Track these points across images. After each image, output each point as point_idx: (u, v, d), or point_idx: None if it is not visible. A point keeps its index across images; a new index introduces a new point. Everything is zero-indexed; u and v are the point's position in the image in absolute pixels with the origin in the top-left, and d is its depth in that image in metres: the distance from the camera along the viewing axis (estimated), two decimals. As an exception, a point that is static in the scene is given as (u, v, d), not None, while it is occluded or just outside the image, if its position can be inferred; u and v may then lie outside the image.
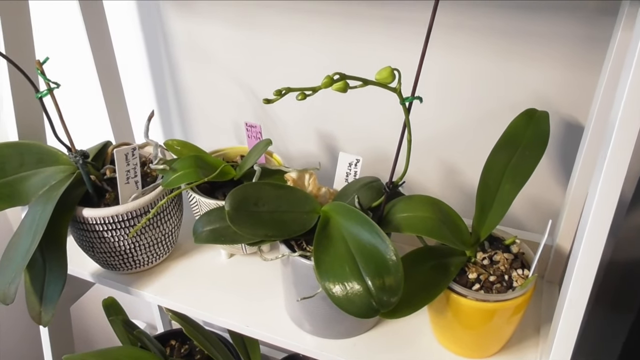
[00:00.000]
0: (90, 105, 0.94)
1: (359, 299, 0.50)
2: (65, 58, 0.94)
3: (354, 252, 0.53)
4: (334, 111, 0.82)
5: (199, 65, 0.88)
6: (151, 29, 0.87)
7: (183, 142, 0.75)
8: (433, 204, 0.58)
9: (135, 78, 0.94)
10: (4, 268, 0.63)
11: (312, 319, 0.64)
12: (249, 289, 0.72)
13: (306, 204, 0.61)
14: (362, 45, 0.74)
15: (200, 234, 0.61)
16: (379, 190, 0.61)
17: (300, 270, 0.60)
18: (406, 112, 0.50)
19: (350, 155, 0.63)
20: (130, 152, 0.65)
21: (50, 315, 0.65)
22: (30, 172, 0.70)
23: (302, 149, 0.89)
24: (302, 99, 0.47)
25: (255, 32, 0.80)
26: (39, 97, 0.59)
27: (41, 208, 0.64)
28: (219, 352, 0.80)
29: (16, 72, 0.68)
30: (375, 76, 0.48)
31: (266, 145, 0.66)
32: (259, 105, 0.87)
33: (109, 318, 0.92)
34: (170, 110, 0.96)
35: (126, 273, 0.74)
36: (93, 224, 0.66)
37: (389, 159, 0.82)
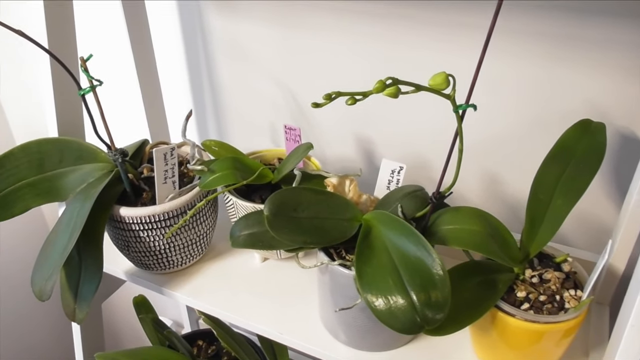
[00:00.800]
0: (127, 103, 0.94)
1: (403, 314, 0.48)
2: (104, 56, 0.94)
3: (397, 264, 0.51)
4: (374, 115, 0.80)
5: (237, 65, 0.87)
6: (190, 28, 0.87)
7: (220, 143, 0.74)
8: (481, 216, 0.55)
9: (173, 77, 0.94)
10: (41, 264, 0.63)
11: (348, 330, 0.62)
12: (282, 294, 0.70)
13: (347, 211, 0.59)
14: (405, 49, 0.72)
15: (237, 238, 0.60)
16: (424, 200, 0.59)
17: (338, 280, 0.58)
18: (459, 120, 0.48)
19: (393, 162, 0.61)
20: (169, 152, 0.64)
21: (84, 312, 0.64)
22: (69, 168, 0.69)
23: (338, 152, 0.87)
24: (352, 103, 0.45)
25: (296, 32, 0.79)
26: (82, 95, 0.58)
27: (79, 205, 0.63)
28: (249, 356, 0.79)
29: (58, 69, 0.68)
30: (429, 82, 0.46)
31: (307, 149, 0.64)
32: (296, 107, 0.86)
33: (139, 316, 0.92)
34: (206, 110, 0.96)
35: (160, 273, 0.73)
36: (129, 223, 0.65)
37: (429, 166, 0.80)
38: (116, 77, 0.93)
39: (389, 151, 0.82)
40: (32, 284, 0.62)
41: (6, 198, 0.68)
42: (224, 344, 0.74)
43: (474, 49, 0.68)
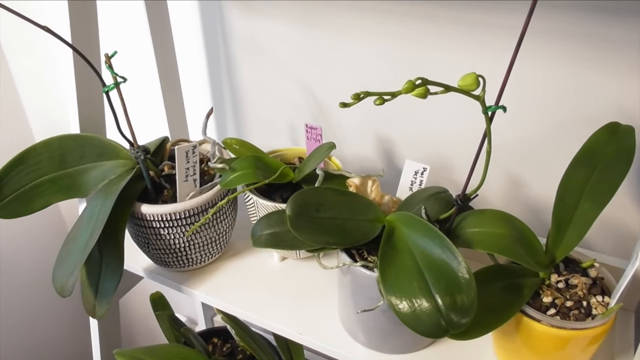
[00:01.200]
0: (147, 100, 0.94)
1: (428, 317, 0.47)
2: (125, 53, 0.94)
3: (422, 267, 0.50)
4: (394, 115, 0.80)
5: (257, 64, 0.87)
6: (211, 26, 0.87)
7: (241, 141, 0.73)
8: (506, 219, 0.54)
9: (193, 74, 0.94)
10: (62, 261, 0.63)
11: (369, 331, 0.61)
12: (301, 294, 0.70)
13: (369, 212, 0.58)
14: (427, 49, 0.71)
15: (259, 238, 0.60)
16: (448, 202, 0.58)
17: (360, 281, 0.57)
18: (488, 122, 0.47)
19: (416, 163, 0.61)
20: (191, 150, 0.64)
21: (105, 309, 0.64)
22: (90, 164, 0.69)
23: (358, 152, 0.86)
24: (381, 103, 0.45)
25: (317, 30, 0.78)
26: (106, 91, 0.58)
27: (101, 202, 0.63)
28: (266, 355, 0.78)
29: (81, 65, 0.69)
30: (458, 82, 0.45)
31: (329, 148, 0.64)
32: (316, 106, 0.85)
33: (156, 313, 0.92)
34: (225, 108, 0.95)
35: (178, 270, 0.73)
36: (150, 220, 0.65)
37: (450, 168, 0.80)
38: (137, 74, 0.93)
39: (409, 151, 0.82)
40: (54, 280, 0.62)
41: (27, 194, 0.68)
42: (242, 343, 0.73)
43: (498, 49, 0.67)
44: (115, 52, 0.57)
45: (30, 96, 1.21)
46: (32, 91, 1.20)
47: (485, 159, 0.50)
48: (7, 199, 0.67)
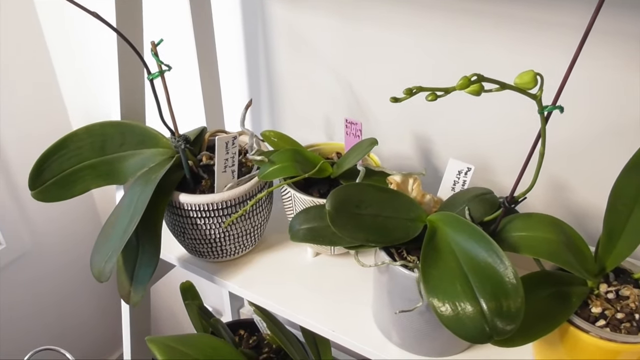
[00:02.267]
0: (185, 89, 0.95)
1: (471, 321, 0.46)
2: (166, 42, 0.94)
3: (466, 270, 0.49)
4: (434, 113, 0.78)
5: (295, 57, 0.86)
6: (252, 17, 0.86)
7: (280, 134, 0.73)
8: (555, 224, 0.52)
9: (230, 65, 0.93)
10: (100, 246, 0.63)
11: (403, 332, 0.60)
12: (334, 291, 0.69)
13: (411, 211, 0.57)
14: (472, 46, 0.69)
15: (297, 232, 0.59)
16: (493, 204, 0.56)
17: (398, 281, 0.56)
18: (543, 122, 0.46)
19: (461, 162, 0.59)
20: (231, 141, 0.63)
21: (140, 296, 0.64)
22: (129, 152, 0.70)
23: (395, 149, 0.85)
24: (433, 99, 0.43)
25: (360, 24, 0.77)
26: (150, 79, 0.58)
27: (140, 189, 0.63)
28: (297, 351, 0.78)
29: (124, 53, 0.69)
30: (515, 80, 0.44)
31: (371, 144, 0.63)
32: (354, 101, 0.84)
33: (185, 302, 0.92)
34: (261, 100, 0.95)
35: (212, 261, 0.73)
36: (188, 209, 0.65)
37: (490, 169, 0.77)
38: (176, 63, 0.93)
39: (448, 151, 0.80)
40: (92, 265, 0.62)
41: (67, 178, 0.69)
42: (272, 336, 0.73)
43: (546, 46, 0.64)
44: (161, 39, 0.57)
45: (69, 85, 1.23)
46: (72, 81, 1.22)
47: (538, 161, 0.48)
48: (47, 183, 0.68)
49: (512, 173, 0.76)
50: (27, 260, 1.29)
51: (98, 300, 1.55)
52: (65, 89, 1.25)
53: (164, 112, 0.62)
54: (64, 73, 1.22)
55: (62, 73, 1.22)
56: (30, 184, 0.68)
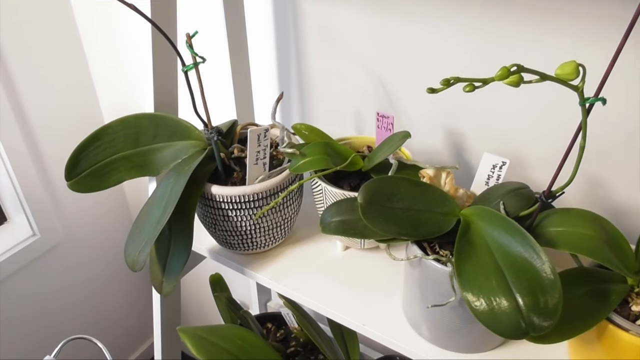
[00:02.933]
0: (216, 82, 0.95)
1: (507, 317, 0.45)
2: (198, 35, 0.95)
3: (501, 264, 0.48)
4: (465, 107, 0.77)
5: (326, 50, 0.86)
6: (283, 10, 0.86)
7: (311, 127, 0.73)
8: (595, 220, 0.51)
9: (261, 58, 0.94)
10: (134, 236, 0.64)
11: (435, 327, 0.60)
12: (364, 284, 0.69)
13: (444, 205, 0.56)
14: (506, 40, 0.68)
15: (328, 224, 0.59)
16: (529, 199, 0.55)
17: (430, 275, 0.55)
18: (585, 114, 0.45)
19: (496, 156, 0.58)
20: (263, 134, 0.63)
21: (172, 286, 0.65)
22: (163, 144, 0.71)
23: (425, 143, 0.84)
24: (471, 90, 0.43)
25: (391, 18, 0.76)
26: (185, 71, 0.58)
27: (173, 181, 0.64)
28: (325, 344, 0.78)
29: (158, 45, 0.69)
30: (556, 71, 0.43)
31: (403, 138, 0.62)
32: (384, 95, 0.83)
33: (214, 294, 0.93)
34: (291, 93, 0.95)
35: (242, 253, 0.73)
36: (220, 201, 0.65)
37: (522, 163, 0.76)
38: (207, 56, 0.94)
39: (479, 145, 0.79)
40: (126, 254, 0.63)
41: (102, 169, 0.70)
42: (301, 329, 0.73)
43: (584, 39, 0.63)
44: (196, 32, 0.57)
45: (101, 78, 1.25)
46: (103, 73, 1.24)
47: (577, 155, 0.47)
48: (83, 174, 0.70)
49: (545, 168, 0.75)
50: (60, 251, 1.32)
51: (129, 290, 1.58)
52: (98, 81, 1.27)
53: (197, 104, 0.62)
54: (96, 66, 1.24)
55: (95, 66, 1.24)
56: (66, 175, 0.69)
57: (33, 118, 1.15)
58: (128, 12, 1.04)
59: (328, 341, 0.82)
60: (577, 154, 0.47)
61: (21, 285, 1.25)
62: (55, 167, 1.24)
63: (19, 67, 1.09)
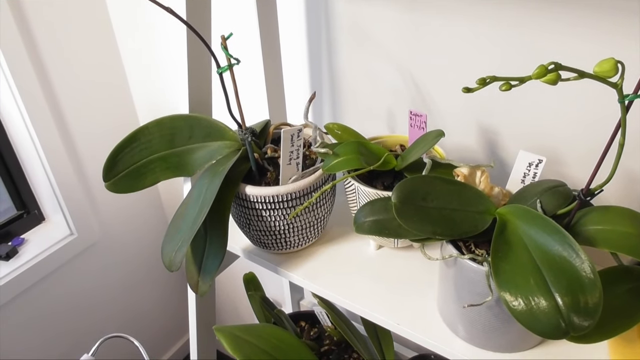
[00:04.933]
0: (249, 82, 0.96)
1: (546, 317, 0.45)
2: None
3: (539, 264, 0.47)
4: (498, 104, 0.76)
5: (358, 48, 0.86)
6: (315, 10, 0.86)
7: (343, 127, 0.73)
8: (635, 218, 0.50)
9: (293, 58, 0.94)
10: (171, 236, 0.65)
11: (471, 327, 0.59)
12: (398, 284, 0.69)
13: (479, 204, 0.56)
14: (540, 37, 0.67)
15: (362, 224, 0.59)
16: (566, 197, 0.54)
17: (466, 274, 0.55)
18: (624, 111, 0.44)
19: (531, 154, 0.57)
20: (296, 134, 0.64)
21: (207, 285, 0.66)
22: (197, 145, 0.72)
23: (458, 141, 0.83)
24: (507, 89, 0.42)
25: (422, 16, 0.76)
26: (220, 72, 0.59)
27: (208, 181, 0.65)
28: (360, 344, 0.78)
29: (193, 47, 0.71)
30: (594, 68, 0.42)
31: (437, 136, 0.62)
32: (417, 93, 0.83)
33: (248, 293, 0.94)
34: (322, 93, 0.95)
35: (276, 253, 0.74)
36: (254, 201, 0.66)
37: (558, 160, 0.75)
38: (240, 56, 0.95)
39: (513, 143, 0.78)
40: (163, 254, 0.64)
41: (139, 170, 0.72)
42: (336, 328, 0.73)
43: (621, 34, 0.61)
44: (231, 33, 0.58)
45: (136, 80, 1.28)
46: (138, 75, 1.26)
47: (617, 152, 0.46)
48: (120, 175, 0.71)
49: (581, 164, 0.73)
50: (96, 250, 1.35)
51: (163, 289, 1.61)
52: (133, 83, 1.30)
53: (231, 105, 0.63)
54: (131, 68, 1.27)
55: (130, 68, 1.27)
56: (104, 176, 0.71)
57: (69, 117, 1.18)
58: (162, 12, 1.07)
59: (362, 340, 0.82)
60: (617, 151, 0.46)
61: (59, 284, 1.29)
62: (91, 167, 1.27)
63: (56, 68, 1.12)
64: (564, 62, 0.42)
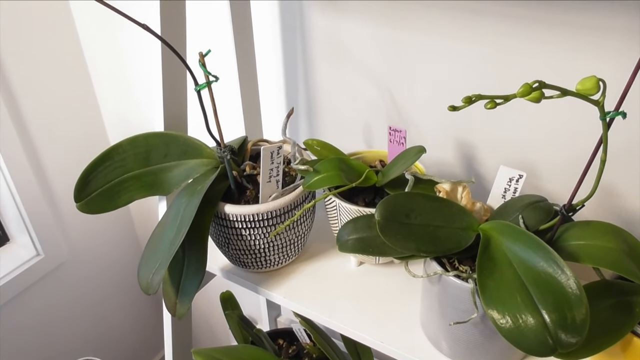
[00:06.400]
0: (224, 99, 0.95)
1: (534, 334, 0.45)
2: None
3: (525, 280, 0.47)
4: (475, 119, 0.77)
5: (334, 64, 0.86)
6: (290, 24, 0.86)
7: (323, 143, 0.72)
8: (616, 232, 0.51)
9: (268, 74, 0.94)
10: (147, 258, 0.63)
11: (455, 343, 0.59)
12: (380, 300, 0.68)
13: (462, 220, 0.56)
14: (515, 55, 0.68)
15: (345, 242, 0.58)
16: (548, 212, 0.55)
17: (451, 291, 0.55)
18: (605, 128, 0.44)
19: (512, 169, 0.58)
20: (276, 151, 0.63)
21: (186, 308, 0.64)
22: (173, 163, 0.70)
23: (435, 156, 0.84)
24: (492, 107, 0.42)
25: (401, 32, 0.76)
26: (198, 90, 0.58)
27: (186, 200, 0.64)
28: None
29: (168, 64, 0.69)
30: (577, 86, 0.42)
31: (418, 152, 0.62)
32: (394, 108, 0.83)
33: (225, 312, 0.92)
34: (298, 108, 0.95)
35: (255, 271, 0.73)
36: (233, 220, 0.65)
37: (535, 175, 0.76)
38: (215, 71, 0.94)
39: (490, 157, 0.78)
40: (139, 277, 0.62)
41: (112, 189, 0.70)
42: (320, 347, 0.72)
43: (595, 52, 0.63)
44: (209, 50, 0.57)
45: (106, 97, 1.25)
46: (109, 92, 1.23)
47: (599, 168, 0.46)
48: (92, 195, 0.69)
49: (557, 179, 0.74)
50: (65, 270, 1.31)
51: (134, 310, 1.57)
52: (102, 100, 1.26)
53: (209, 122, 0.62)
54: (100, 85, 1.24)
55: (99, 85, 1.24)
56: (75, 196, 0.68)
57: (35, 134, 1.14)
58: (133, 28, 1.04)
59: (342, 357, 0.81)
60: (598, 166, 0.46)
61: (26, 306, 1.24)
62: (58, 186, 1.23)
63: (20, 85, 1.08)
64: (544, 79, 0.42)
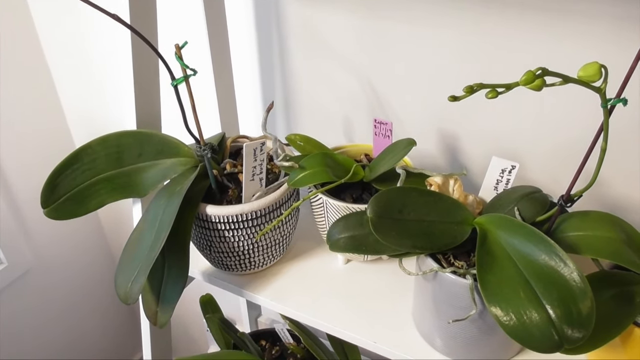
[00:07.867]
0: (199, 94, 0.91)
1: (539, 331, 0.43)
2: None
3: (527, 275, 0.46)
4: (457, 109, 0.75)
5: (311, 56, 0.83)
6: (265, 15, 0.82)
7: (306, 138, 0.69)
8: (614, 222, 0.50)
9: (243, 67, 0.90)
10: (125, 265, 0.59)
11: (451, 340, 0.57)
12: (370, 298, 0.66)
13: (457, 214, 0.54)
14: (501, 45, 0.67)
15: (337, 241, 0.56)
16: (544, 203, 0.54)
17: (449, 288, 0.53)
18: (606, 116, 0.43)
19: (505, 160, 0.56)
20: (259, 148, 0.60)
21: (167, 316, 0.61)
22: (148, 163, 0.66)
23: (418, 148, 0.82)
24: (494, 96, 0.40)
25: (380, 21, 0.74)
26: (175, 85, 0.54)
27: (165, 202, 0.60)
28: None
29: (139, 58, 0.65)
30: (579, 73, 0.41)
31: (408, 145, 0.60)
32: (375, 101, 0.81)
33: (206, 316, 0.89)
34: (276, 102, 0.91)
35: (239, 274, 0.70)
36: (216, 222, 0.61)
37: (522, 165, 0.75)
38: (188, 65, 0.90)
39: (474, 147, 0.77)
40: (117, 287, 0.58)
41: (82, 193, 0.65)
42: (308, 349, 0.70)
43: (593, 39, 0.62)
44: (185, 42, 0.53)
45: (67, 91, 1.18)
46: (71, 91, 1.17)
47: (599, 157, 0.45)
48: (61, 199, 0.64)
49: (542, 169, 0.74)
50: (30, 278, 1.24)
51: (105, 317, 1.51)
52: (64, 96, 1.20)
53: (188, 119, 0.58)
54: (63, 86, 1.17)
55: (62, 86, 1.18)
56: (43, 202, 0.64)
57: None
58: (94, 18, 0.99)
59: (330, 355, 0.79)
60: (599, 156, 0.45)
61: (-10, 316, 1.17)
62: (21, 191, 1.16)
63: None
64: (524, 67, 0.41)
